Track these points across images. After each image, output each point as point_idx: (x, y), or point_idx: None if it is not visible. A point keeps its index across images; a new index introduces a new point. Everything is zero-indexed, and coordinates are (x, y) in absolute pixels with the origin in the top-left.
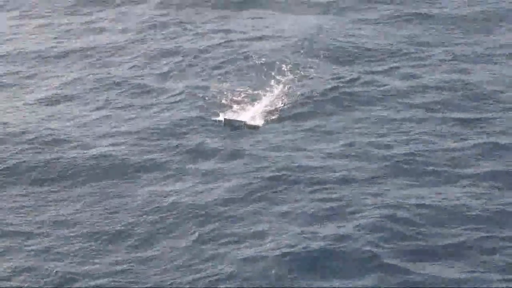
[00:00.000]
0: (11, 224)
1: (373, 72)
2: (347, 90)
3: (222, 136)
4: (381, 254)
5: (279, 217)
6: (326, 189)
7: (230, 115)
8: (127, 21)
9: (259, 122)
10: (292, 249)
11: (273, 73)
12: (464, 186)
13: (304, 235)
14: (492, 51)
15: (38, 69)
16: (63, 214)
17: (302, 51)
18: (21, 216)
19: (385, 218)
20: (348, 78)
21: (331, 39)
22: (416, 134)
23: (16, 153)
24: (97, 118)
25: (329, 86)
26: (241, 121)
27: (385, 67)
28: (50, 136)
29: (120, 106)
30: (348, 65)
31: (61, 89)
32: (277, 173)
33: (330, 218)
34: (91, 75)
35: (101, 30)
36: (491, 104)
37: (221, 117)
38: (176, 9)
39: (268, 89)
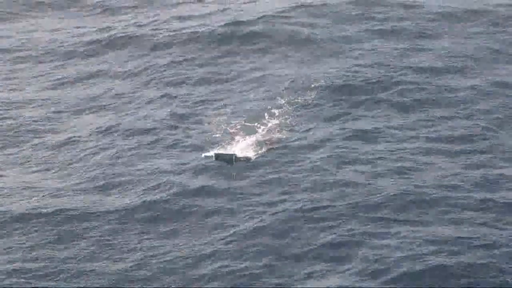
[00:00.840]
0: (25, 261)
1: (371, 104)
2: (344, 123)
3: (214, 173)
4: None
5: (285, 254)
6: (329, 224)
7: (221, 150)
8: (128, 64)
9: (250, 154)
10: None
11: (269, 107)
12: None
13: (314, 275)
14: (488, 85)
15: (37, 113)
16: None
17: (300, 84)
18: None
19: (393, 249)
20: (345, 111)
21: (329, 73)
22: (418, 165)
23: (24, 199)
24: (95, 164)
25: (325, 119)
26: (232, 154)
27: (383, 99)
28: (57, 189)
29: (117, 149)
30: (346, 99)
31: (64, 134)
32: (275, 209)
33: (339, 254)
34: (92, 120)
35: (103, 73)
36: (487, 135)
37: (211, 153)
38: (178, 47)
39: (263, 121)
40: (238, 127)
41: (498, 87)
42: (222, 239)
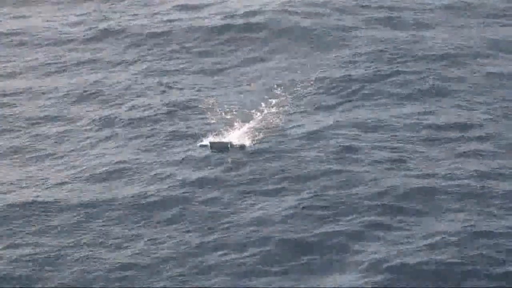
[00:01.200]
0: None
1: (370, 94)
2: (342, 112)
3: (214, 163)
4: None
5: (285, 243)
6: (327, 213)
7: (216, 138)
8: (126, 53)
9: (246, 142)
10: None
11: (267, 97)
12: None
13: (314, 266)
14: (485, 76)
15: (34, 101)
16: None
17: (299, 75)
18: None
19: (393, 241)
20: (343, 100)
21: (328, 63)
22: (417, 155)
23: (24, 188)
24: (94, 153)
25: (324, 108)
26: (227, 142)
27: (382, 88)
28: (56, 178)
29: (115, 138)
30: (345, 88)
31: (63, 123)
32: (274, 198)
33: (339, 244)
34: (90, 109)
35: (100, 62)
36: (485, 125)
37: (206, 142)
38: (176, 37)
39: (261, 110)
40: (235, 114)
41: (495, 77)
42: (222, 229)
